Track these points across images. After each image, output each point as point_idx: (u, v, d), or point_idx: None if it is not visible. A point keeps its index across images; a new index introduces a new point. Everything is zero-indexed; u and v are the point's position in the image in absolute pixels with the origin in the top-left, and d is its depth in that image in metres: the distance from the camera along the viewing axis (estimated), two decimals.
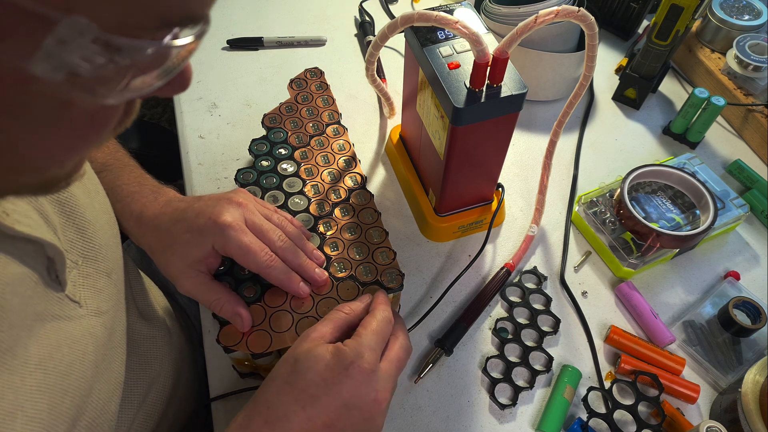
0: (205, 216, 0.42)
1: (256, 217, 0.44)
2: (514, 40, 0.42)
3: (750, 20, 0.73)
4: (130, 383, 0.44)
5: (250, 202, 0.45)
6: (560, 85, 0.72)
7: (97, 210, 0.40)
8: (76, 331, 0.34)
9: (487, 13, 0.68)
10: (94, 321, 0.36)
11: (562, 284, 0.57)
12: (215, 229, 0.41)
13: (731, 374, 0.51)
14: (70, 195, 0.37)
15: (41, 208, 0.33)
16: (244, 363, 0.46)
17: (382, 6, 0.85)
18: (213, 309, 0.43)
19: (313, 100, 0.61)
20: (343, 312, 0.41)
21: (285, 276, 0.43)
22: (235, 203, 0.43)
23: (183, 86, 0.25)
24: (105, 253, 0.39)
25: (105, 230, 0.41)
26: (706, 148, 0.70)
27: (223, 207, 0.43)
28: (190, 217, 0.42)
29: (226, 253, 0.42)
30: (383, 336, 0.39)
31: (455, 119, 0.45)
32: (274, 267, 0.42)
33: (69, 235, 0.36)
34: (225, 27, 0.80)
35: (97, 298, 0.37)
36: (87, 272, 0.37)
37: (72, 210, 0.37)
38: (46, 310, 0.32)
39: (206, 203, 0.43)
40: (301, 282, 0.44)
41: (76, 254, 0.36)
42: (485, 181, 0.56)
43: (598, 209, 0.60)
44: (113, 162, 0.48)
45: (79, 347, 0.34)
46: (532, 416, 0.49)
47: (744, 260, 0.60)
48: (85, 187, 0.40)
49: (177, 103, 0.71)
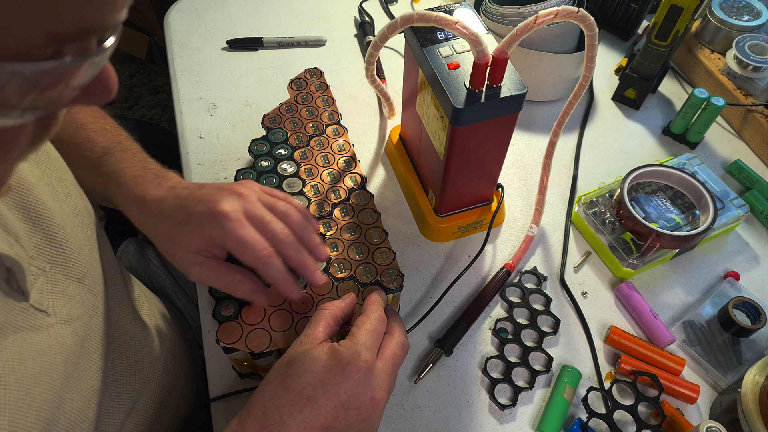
0: (203, 205, 0.40)
1: (257, 208, 0.41)
2: (514, 41, 0.42)
3: (750, 20, 0.73)
4: (118, 387, 0.43)
5: (253, 192, 0.43)
6: (560, 86, 0.72)
7: (67, 213, 0.39)
8: (42, 342, 0.33)
9: (487, 14, 0.68)
10: (64, 329, 0.35)
11: (561, 284, 0.57)
12: (212, 219, 0.39)
13: (731, 374, 0.51)
14: (35, 200, 0.36)
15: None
16: (243, 363, 0.46)
17: (382, 6, 0.85)
18: (230, 291, 0.41)
19: (312, 101, 0.61)
20: (327, 309, 0.41)
21: (280, 276, 0.40)
22: (236, 193, 0.41)
23: (102, 97, 0.24)
24: (76, 257, 0.38)
25: (76, 234, 0.39)
26: (705, 148, 0.71)
27: (223, 196, 0.41)
28: (191, 205, 0.41)
29: (223, 245, 0.40)
30: (378, 334, 0.39)
31: (455, 119, 0.45)
32: (271, 264, 0.40)
33: (35, 242, 0.35)
34: (225, 27, 0.80)
35: (68, 305, 0.36)
36: (56, 278, 0.36)
37: (39, 215, 0.35)
38: (7, 322, 0.31)
39: (208, 191, 0.42)
40: (295, 285, 0.42)
41: (44, 260, 0.35)
42: (485, 181, 0.56)
43: (597, 209, 0.60)
44: (116, 145, 0.47)
45: (45, 358, 0.33)
46: (531, 416, 0.49)
47: (744, 260, 0.60)
48: (53, 190, 0.39)
49: (177, 104, 0.71)
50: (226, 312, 0.44)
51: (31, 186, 0.36)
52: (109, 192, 0.46)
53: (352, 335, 0.38)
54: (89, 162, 0.46)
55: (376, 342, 0.39)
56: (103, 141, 0.48)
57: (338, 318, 0.41)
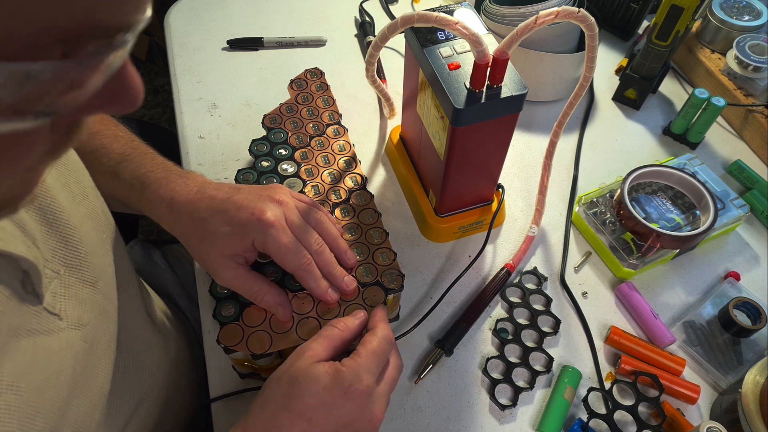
0: (247, 211, 0.42)
1: (295, 217, 0.44)
2: (515, 41, 0.42)
3: (750, 21, 0.73)
4: (121, 392, 0.43)
5: (290, 200, 0.45)
6: (560, 86, 0.72)
7: (83, 216, 0.39)
8: (54, 346, 0.33)
9: (487, 14, 0.68)
10: (74, 334, 0.35)
11: (562, 285, 0.57)
12: (258, 226, 0.41)
13: (731, 375, 0.51)
14: (52, 201, 0.36)
15: (18, 217, 0.32)
16: (244, 363, 0.46)
17: (382, 6, 0.85)
18: (254, 299, 0.43)
19: (313, 101, 0.61)
20: (337, 328, 0.41)
21: (315, 284, 0.43)
22: (276, 201, 0.44)
23: (126, 105, 0.22)
24: (90, 260, 0.38)
25: (91, 236, 0.39)
26: (706, 148, 0.70)
27: (266, 204, 0.43)
28: (231, 210, 0.42)
29: (264, 250, 0.42)
30: (383, 357, 0.39)
31: (455, 120, 0.45)
32: (310, 272, 0.43)
33: (51, 244, 0.35)
34: (225, 27, 0.80)
35: (79, 309, 0.36)
36: (69, 282, 0.36)
37: (55, 217, 0.35)
38: (22, 325, 0.31)
39: (246, 197, 0.43)
40: (330, 288, 0.44)
41: (58, 263, 0.35)
42: (485, 181, 0.56)
43: (598, 210, 0.60)
44: (132, 151, 0.48)
45: (55, 363, 0.33)
46: (532, 417, 0.49)
47: (744, 261, 0.60)
48: (70, 192, 0.39)
49: (177, 104, 0.71)
50: (226, 312, 0.44)
51: (49, 187, 0.36)
52: (131, 197, 0.46)
53: (357, 355, 0.38)
54: (106, 169, 0.47)
55: (380, 365, 0.39)
56: (119, 147, 0.48)
57: (346, 341, 0.41)
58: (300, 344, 0.43)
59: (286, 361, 0.39)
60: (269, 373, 0.46)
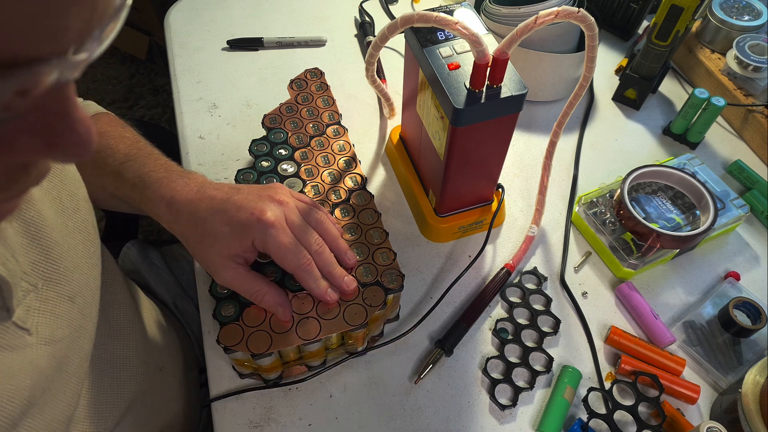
0: (247, 211, 0.42)
1: (295, 217, 0.44)
2: (514, 41, 0.42)
3: (750, 21, 0.73)
4: (97, 409, 0.42)
5: (290, 200, 0.45)
6: (560, 86, 0.72)
7: (72, 229, 0.38)
8: (14, 364, 0.31)
9: (487, 14, 0.68)
10: (42, 351, 0.33)
11: (562, 285, 0.57)
12: (258, 226, 0.41)
13: (731, 375, 0.51)
14: (37, 214, 0.35)
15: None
16: (244, 363, 0.46)
17: (382, 6, 0.85)
18: (254, 300, 0.43)
19: (313, 101, 0.61)
20: None
21: (315, 284, 0.43)
22: (276, 201, 0.44)
23: (69, 152, 0.20)
24: (71, 276, 0.37)
25: (77, 251, 0.38)
26: (706, 148, 0.70)
27: (266, 204, 0.43)
28: (231, 210, 0.42)
29: (264, 250, 0.42)
30: None
31: (455, 120, 0.45)
32: (310, 272, 0.43)
33: (32, 257, 0.34)
34: (225, 27, 0.80)
35: (52, 324, 0.35)
36: (47, 296, 0.35)
37: (38, 230, 0.35)
38: None
39: (246, 197, 0.43)
40: (330, 289, 0.44)
41: (37, 277, 0.34)
42: (485, 181, 0.56)
43: (598, 210, 0.60)
44: (136, 152, 0.48)
45: (11, 382, 0.31)
46: (532, 417, 0.49)
47: (744, 261, 0.60)
48: (62, 205, 0.38)
49: (177, 104, 0.71)
50: (226, 312, 0.44)
51: (35, 200, 0.35)
52: (133, 197, 0.46)
53: None
54: (111, 169, 0.47)
55: None
56: (124, 148, 0.48)
57: None
58: (300, 344, 0.43)
59: None
60: (269, 373, 0.47)
